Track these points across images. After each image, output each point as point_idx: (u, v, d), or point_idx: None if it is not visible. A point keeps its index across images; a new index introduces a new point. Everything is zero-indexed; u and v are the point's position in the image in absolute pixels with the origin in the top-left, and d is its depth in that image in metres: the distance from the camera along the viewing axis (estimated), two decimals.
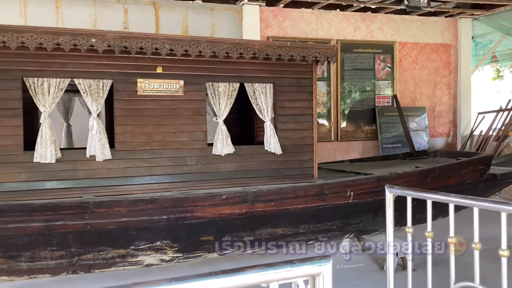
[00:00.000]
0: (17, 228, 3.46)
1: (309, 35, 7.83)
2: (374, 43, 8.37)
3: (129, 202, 3.72)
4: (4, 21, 3.98)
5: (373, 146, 8.36)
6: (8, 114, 3.67)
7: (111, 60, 3.92)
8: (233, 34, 7.35)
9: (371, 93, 8.45)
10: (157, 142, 4.11)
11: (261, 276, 1.38)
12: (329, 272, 1.45)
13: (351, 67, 8.24)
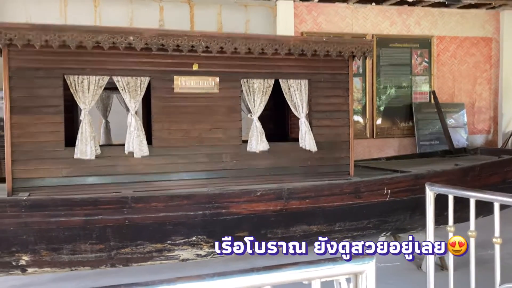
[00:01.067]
0: (59, 222, 3.57)
1: (344, 30, 7.73)
2: (411, 37, 8.18)
3: (166, 198, 3.77)
4: (45, 21, 4.13)
5: (410, 143, 8.18)
6: (50, 111, 3.79)
7: (149, 58, 3.98)
8: (266, 30, 7.34)
9: (407, 89, 8.27)
10: (193, 138, 4.15)
11: (303, 273, 1.37)
12: (372, 271, 1.43)
13: (387, 63, 8.08)
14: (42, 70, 3.76)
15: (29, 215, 3.50)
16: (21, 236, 3.52)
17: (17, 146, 3.72)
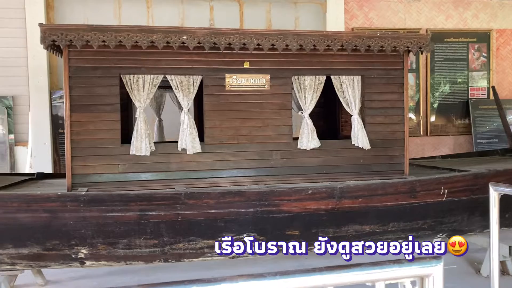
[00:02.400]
0: (115, 216, 3.68)
1: (396, 25, 7.50)
2: (467, 31, 7.82)
3: (218, 194, 3.80)
4: (101, 22, 4.26)
5: (466, 141, 7.84)
6: (107, 109, 3.91)
7: (201, 56, 4.02)
8: (316, 27, 7.24)
9: (463, 85, 7.92)
10: (244, 136, 4.16)
11: (367, 274, 1.32)
12: (440, 274, 1.36)
13: (442, 58, 7.77)
14: (100, 70, 3.88)
15: (88, 210, 3.63)
16: (80, 230, 3.66)
17: (76, 143, 3.86)
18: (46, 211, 3.58)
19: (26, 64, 6.55)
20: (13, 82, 6.59)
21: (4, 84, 6.56)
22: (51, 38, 3.66)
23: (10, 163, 6.65)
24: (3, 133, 6.63)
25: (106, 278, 4.67)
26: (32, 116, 6.55)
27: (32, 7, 6.47)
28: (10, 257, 3.69)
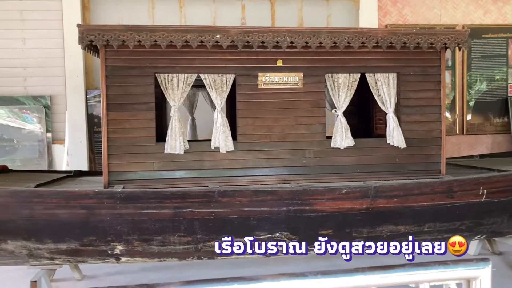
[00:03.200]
0: (150, 213, 3.73)
1: (431, 21, 7.33)
2: (508, 26, 7.55)
3: (251, 193, 3.81)
4: (135, 22, 4.33)
5: (505, 140, 7.58)
6: (142, 108, 3.97)
7: (234, 55, 4.04)
8: (349, 24, 7.16)
9: (501, 82, 7.66)
10: (276, 134, 4.15)
11: (411, 275, 1.30)
12: (488, 277, 1.31)
13: (479, 54, 7.54)
14: (135, 69, 3.94)
15: (124, 207, 3.69)
16: (116, 227, 3.73)
17: (113, 141, 3.94)
18: (84, 208, 3.67)
19: (63, 64, 6.74)
20: (51, 82, 6.79)
21: (42, 84, 6.77)
22: (88, 38, 3.75)
23: (48, 161, 6.86)
24: (41, 131, 6.83)
25: (140, 274, 4.76)
26: (68, 115, 6.73)
27: (68, 9, 6.64)
28: (49, 252, 3.80)
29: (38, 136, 6.85)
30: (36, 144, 6.86)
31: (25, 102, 6.81)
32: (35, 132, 6.83)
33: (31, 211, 3.64)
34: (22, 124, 6.80)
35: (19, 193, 3.63)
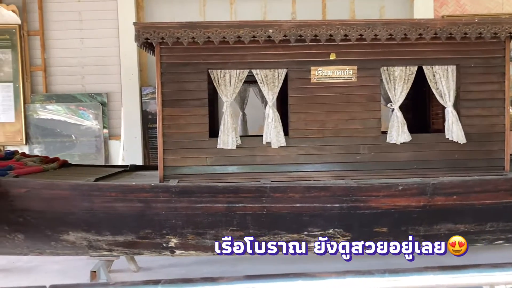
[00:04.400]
0: (204, 208, 3.78)
1: (492, 10, 6.96)
2: None
3: (303, 189, 3.77)
4: (186, 20, 4.38)
5: None
6: (196, 104, 4.02)
7: (286, 50, 4.00)
8: (402, 16, 6.92)
9: None
10: (329, 129, 4.08)
11: (486, 277, 1.22)
12: None
13: None
14: (189, 66, 4.00)
15: (178, 201, 3.77)
16: (171, 220, 3.81)
17: (168, 137, 4.02)
18: (140, 201, 3.77)
19: (119, 62, 6.96)
20: (107, 79, 7.04)
21: (99, 81, 7.03)
22: (144, 36, 3.83)
23: (104, 156, 7.12)
24: (98, 127, 7.10)
25: (193, 267, 4.83)
26: (124, 112, 6.95)
27: (123, 8, 6.84)
28: (107, 243, 3.94)
29: (95, 132, 7.12)
30: (93, 139, 7.14)
31: (82, 99, 7.10)
32: (93, 128, 7.11)
33: (91, 204, 3.79)
34: (80, 121, 7.09)
35: (79, 187, 3.79)
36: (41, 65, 7.05)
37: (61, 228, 3.85)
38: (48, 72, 7.09)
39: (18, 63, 6.99)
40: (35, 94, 7.10)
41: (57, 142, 7.13)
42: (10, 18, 6.95)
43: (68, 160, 5.37)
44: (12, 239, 3.96)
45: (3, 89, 7.05)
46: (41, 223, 3.84)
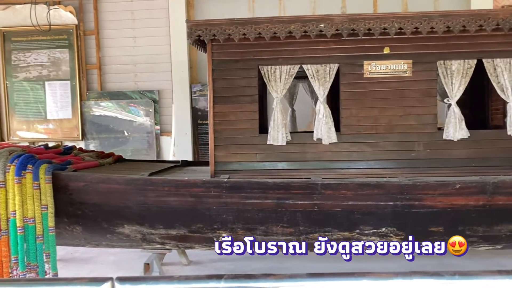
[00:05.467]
0: (254, 203, 3.79)
1: None
2: None
3: (356, 186, 3.70)
4: (236, 16, 4.39)
5: None
6: (246, 100, 4.03)
7: (338, 44, 3.93)
8: (458, 8, 6.64)
9: None
10: (382, 125, 3.98)
11: None
12: None
13: None
14: (240, 62, 4.01)
15: (229, 196, 3.79)
16: (222, 215, 3.85)
17: (219, 133, 4.06)
18: (192, 196, 3.83)
19: (170, 60, 7.11)
20: (159, 77, 7.21)
21: (151, 79, 7.22)
22: (196, 33, 3.88)
23: (156, 151, 7.30)
24: (150, 124, 7.29)
25: (242, 262, 4.87)
26: (175, 109, 7.09)
27: (174, 7, 6.98)
28: (160, 237, 4.03)
29: (147, 128, 7.31)
30: (145, 135, 7.34)
31: (134, 97, 7.31)
32: (145, 125, 7.31)
33: (145, 198, 3.88)
34: (132, 117, 7.31)
35: (134, 181, 3.89)
36: (96, 64, 7.32)
37: (116, 221, 3.97)
38: (102, 70, 7.35)
39: (75, 62, 7.30)
40: (90, 91, 7.38)
41: (111, 138, 7.39)
42: (68, 19, 7.26)
43: (122, 155, 5.54)
44: (71, 231, 4.13)
45: (61, 87, 7.38)
46: (98, 216, 3.98)
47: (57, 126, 7.47)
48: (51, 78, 7.41)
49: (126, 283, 1.14)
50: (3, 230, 3.73)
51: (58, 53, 7.34)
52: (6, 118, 7.54)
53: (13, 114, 7.54)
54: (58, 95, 7.41)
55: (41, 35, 7.27)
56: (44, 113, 7.48)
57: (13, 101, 7.54)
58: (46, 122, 7.49)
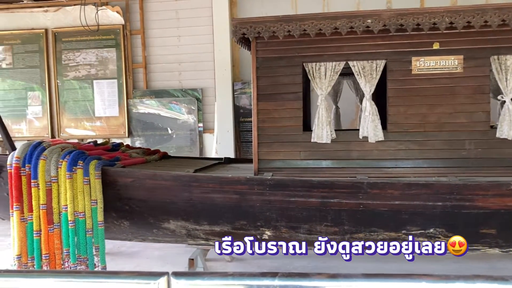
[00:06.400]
0: (298, 202, 3.77)
1: None
2: None
3: (403, 185, 3.61)
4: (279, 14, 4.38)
5: None
6: (290, 98, 4.01)
7: (385, 40, 3.84)
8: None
9: None
10: (431, 123, 3.85)
11: None
12: None
13: None
14: (284, 59, 3.99)
15: (272, 194, 3.79)
16: (265, 213, 3.85)
17: (262, 130, 4.05)
18: (236, 193, 3.85)
19: (213, 58, 7.17)
20: (202, 75, 7.30)
21: (195, 77, 7.32)
22: (241, 31, 3.89)
23: (199, 149, 7.40)
24: (194, 121, 7.39)
25: (285, 260, 4.85)
26: (217, 106, 7.16)
27: (218, 5, 7.03)
28: (205, 233, 4.08)
29: (191, 126, 7.42)
30: (188, 133, 7.45)
31: (177, 95, 7.43)
32: (188, 122, 7.42)
33: (190, 194, 3.93)
34: (176, 115, 7.44)
35: (180, 177, 3.95)
36: (142, 63, 7.49)
37: (162, 217, 4.05)
38: (148, 69, 7.52)
39: (122, 61, 7.50)
40: (136, 90, 7.57)
41: (156, 135, 7.55)
42: (115, 19, 7.47)
43: (167, 152, 5.64)
44: (119, 225, 4.24)
45: (108, 86, 7.60)
46: (145, 211, 4.07)
47: (104, 124, 7.70)
48: (99, 77, 7.65)
49: (182, 278, 1.15)
50: (56, 223, 3.88)
51: (106, 53, 7.57)
52: (57, 115, 7.85)
53: (63, 112, 7.84)
54: (106, 94, 7.64)
55: (90, 35, 7.51)
56: (92, 111, 7.73)
57: (63, 99, 7.84)
58: (94, 119, 7.74)
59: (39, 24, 7.81)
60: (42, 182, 3.83)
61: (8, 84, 8.00)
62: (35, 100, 7.92)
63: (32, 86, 7.92)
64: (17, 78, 7.96)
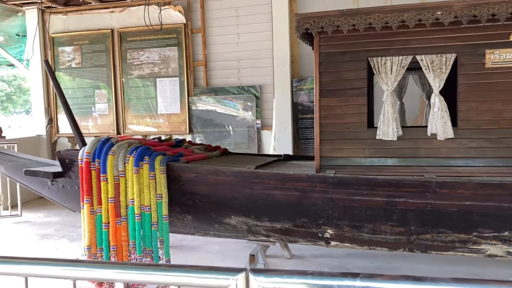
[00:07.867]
0: (361, 200, 3.67)
1: None
2: None
3: (475, 185, 3.42)
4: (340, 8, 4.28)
5: None
6: (354, 93, 3.91)
7: (456, 32, 3.65)
8: None
9: None
10: (507, 120, 3.62)
11: None
12: None
13: None
14: (348, 54, 3.90)
15: (335, 192, 3.72)
16: (327, 211, 3.78)
17: (325, 127, 3.98)
18: (298, 190, 3.81)
19: (272, 55, 7.16)
20: (261, 72, 7.31)
21: (254, 74, 7.34)
22: (304, 26, 3.84)
23: (257, 145, 7.42)
24: (252, 118, 7.43)
25: (346, 259, 4.77)
26: (275, 103, 7.14)
27: (277, 1, 7.00)
28: (265, 229, 4.08)
29: (249, 123, 7.46)
30: (246, 129, 7.50)
31: (236, 92, 7.49)
32: (247, 119, 7.47)
33: (251, 190, 3.95)
34: (235, 112, 7.50)
35: (242, 174, 3.97)
36: (202, 61, 7.62)
37: (224, 212, 4.10)
38: (208, 67, 7.63)
39: (183, 59, 7.67)
40: (197, 87, 7.71)
41: (215, 132, 7.66)
42: (177, 18, 7.64)
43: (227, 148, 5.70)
44: (182, 220, 4.34)
45: (170, 83, 7.80)
46: (207, 206, 4.13)
47: (166, 121, 7.92)
48: (161, 75, 7.87)
49: (260, 275, 1.14)
50: (123, 216, 4.03)
51: (168, 51, 7.77)
52: (123, 113, 8.16)
53: (128, 109, 8.14)
54: (168, 91, 7.85)
55: (153, 34, 7.74)
56: (154, 108, 7.97)
57: (128, 97, 8.14)
58: (156, 116, 7.98)
59: (106, 24, 8.15)
60: (110, 176, 3.99)
61: (77, 83, 8.42)
62: (102, 98, 8.28)
63: (99, 85, 8.29)
64: (85, 77, 8.36)
